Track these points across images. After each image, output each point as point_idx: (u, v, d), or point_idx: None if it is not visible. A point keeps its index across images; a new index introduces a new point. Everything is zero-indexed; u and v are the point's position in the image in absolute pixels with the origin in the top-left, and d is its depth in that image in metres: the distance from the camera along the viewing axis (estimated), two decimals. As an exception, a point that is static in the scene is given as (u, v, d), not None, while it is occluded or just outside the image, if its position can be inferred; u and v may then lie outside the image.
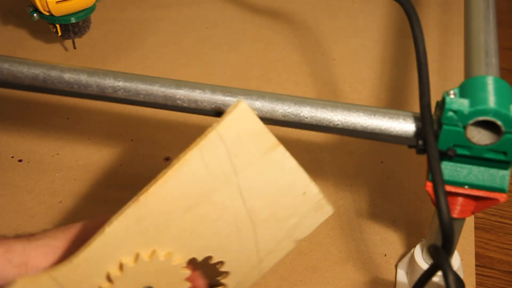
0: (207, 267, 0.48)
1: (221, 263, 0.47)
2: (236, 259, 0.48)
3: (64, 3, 0.80)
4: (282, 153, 0.46)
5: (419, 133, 0.46)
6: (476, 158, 0.45)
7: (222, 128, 0.44)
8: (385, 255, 0.66)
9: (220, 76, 0.90)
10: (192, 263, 0.46)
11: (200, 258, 0.47)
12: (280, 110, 0.47)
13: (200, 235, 0.46)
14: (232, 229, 0.47)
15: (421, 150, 0.46)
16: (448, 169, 0.46)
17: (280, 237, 0.48)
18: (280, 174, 0.47)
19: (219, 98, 0.48)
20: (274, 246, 0.48)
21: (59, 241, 0.44)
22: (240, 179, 0.46)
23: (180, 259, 0.46)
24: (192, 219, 0.45)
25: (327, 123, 0.47)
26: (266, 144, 0.45)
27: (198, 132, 0.43)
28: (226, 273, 0.48)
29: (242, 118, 0.44)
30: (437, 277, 0.54)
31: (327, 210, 0.48)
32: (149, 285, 0.45)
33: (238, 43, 0.96)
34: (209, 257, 0.47)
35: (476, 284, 0.64)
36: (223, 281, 0.48)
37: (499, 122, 0.42)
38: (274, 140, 0.46)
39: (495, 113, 0.42)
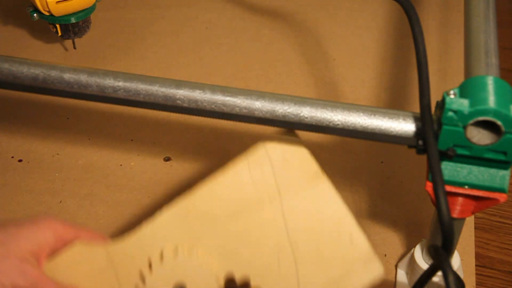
0: None
1: None
2: None
3: (64, 3, 0.80)
4: (327, 186, 0.47)
5: (419, 133, 0.46)
6: (476, 158, 0.45)
7: (270, 145, 0.48)
8: (385, 255, 0.66)
9: (220, 76, 0.90)
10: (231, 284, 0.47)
11: (238, 274, 0.47)
12: (280, 110, 0.47)
13: (242, 252, 0.47)
14: (274, 256, 0.47)
15: (421, 150, 0.46)
16: (448, 169, 0.46)
17: (323, 284, 0.47)
18: (324, 210, 0.47)
19: (219, 98, 0.48)
20: None
21: None
22: (284, 199, 0.47)
23: (217, 265, 0.47)
24: (235, 230, 0.47)
25: (327, 123, 0.47)
26: (310, 172, 0.47)
27: (198, 132, 0.43)
28: None
29: (288, 142, 0.48)
30: (437, 277, 0.54)
31: (376, 266, 0.47)
32: (183, 284, 0.47)
33: (238, 43, 0.96)
34: (248, 282, 0.47)
35: (476, 284, 0.64)
36: None
37: (499, 122, 0.42)
38: (318, 170, 0.48)
39: (495, 113, 0.42)
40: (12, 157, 0.77)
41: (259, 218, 0.47)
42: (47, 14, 0.82)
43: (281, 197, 0.47)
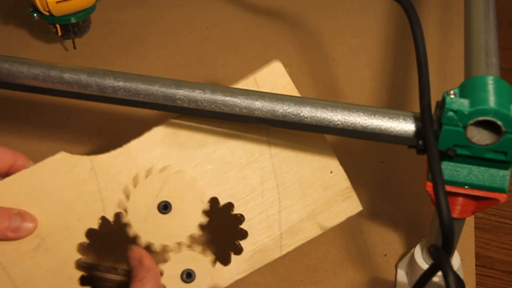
0: (229, 228, 0.50)
1: (242, 217, 0.49)
2: (257, 218, 0.49)
3: (64, 3, 0.80)
4: None
5: (419, 133, 0.46)
6: (476, 158, 0.45)
7: (259, 76, 0.50)
8: (385, 255, 0.66)
9: (220, 76, 0.90)
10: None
11: (222, 201, 0.49)
12: (280, 110, 0.47)
13: (227, 179, 0.49)
14: (258, 186, 0.49)
15: (421, 150, 0.46)
16: (448, 169, 0.46)
17: (303, 215, 0.49)
18: (308, 143, 0.49)
19: (219, 98, 0.48)
20: (297, 223, 0.49)
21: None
22: (270, 129, 0.49)
23: (203, 188, 0.49)
24: (222, 156, 0.49)
25: (327, 123, 0.47)
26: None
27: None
28: (245, 234, 0.49)
29: (276, 73, 0.51)
30: (437, 277, 0.54)
31: (355, 204, 0.50)
32: (167, 201, 0.48)
33: (238, 43, 0.96)
34: (231, 206, 0.49)
35: (476, 284, 0.64)
36: (241, 243, 0.49)
37: (499, 122, 0.42)
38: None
39: (495, 113, 0.42)
40: (12, 157, 0.77)
41: (244, 144, 0.49)
42: (47, 14, 0.82)
43: (268, 127, 0.49)
